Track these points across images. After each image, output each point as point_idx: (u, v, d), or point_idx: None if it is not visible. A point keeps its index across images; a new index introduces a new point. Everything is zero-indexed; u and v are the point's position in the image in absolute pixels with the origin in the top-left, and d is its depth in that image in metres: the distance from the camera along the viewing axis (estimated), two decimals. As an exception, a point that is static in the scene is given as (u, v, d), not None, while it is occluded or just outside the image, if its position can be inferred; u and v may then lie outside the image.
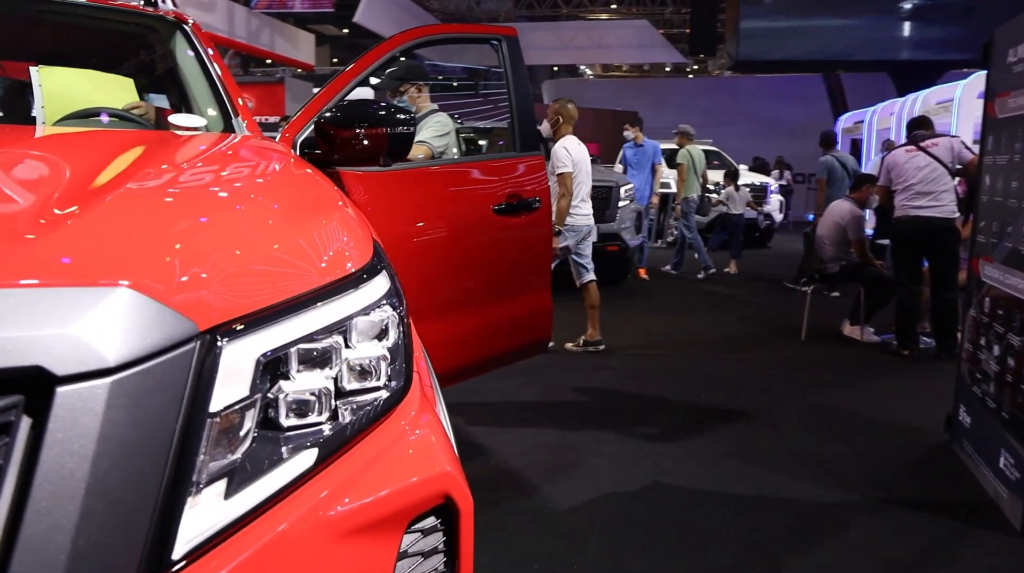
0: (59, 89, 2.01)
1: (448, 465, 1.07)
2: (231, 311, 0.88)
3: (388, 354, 1.07)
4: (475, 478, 3.23)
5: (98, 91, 2.09)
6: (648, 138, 8.79)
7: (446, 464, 1.07)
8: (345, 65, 2.60)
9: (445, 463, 1.07)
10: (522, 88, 2.98)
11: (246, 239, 1.00)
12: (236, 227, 1.02)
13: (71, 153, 1.35)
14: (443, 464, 1.06)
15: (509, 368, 4.90)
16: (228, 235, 0.99)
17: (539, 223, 2.96)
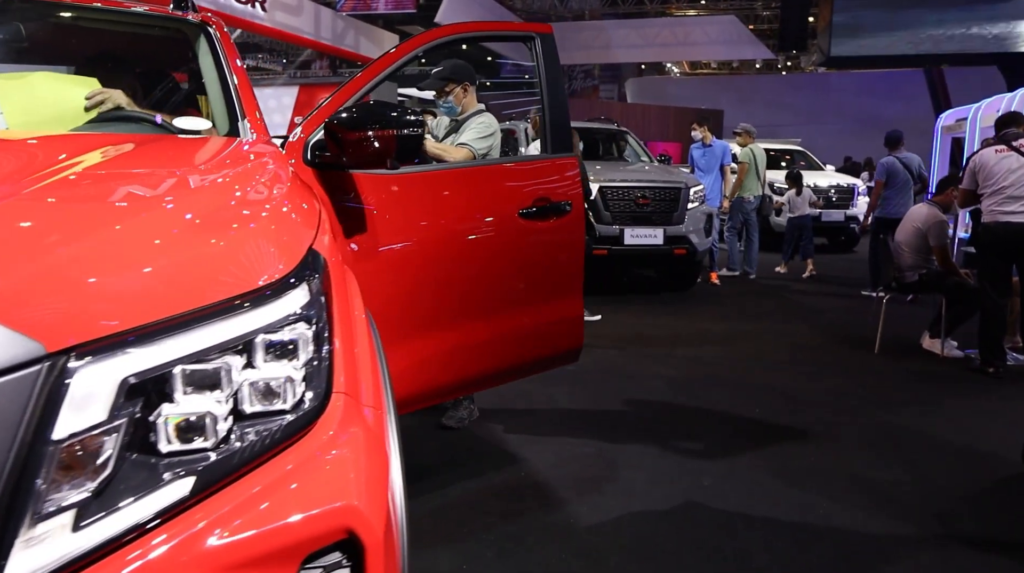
0: (13, 90, 2.02)
1: (356, 497, 0.99)
2: (91, 331, 0.83)
3: (297, 375, 1.00)
4: (502, 488, 3.17)
5: (56, 91, 2.09)
6: (719, 139, 8.50)
7: (353, 495, 0.99)
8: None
9: (352, 494, 0.99)
10: (556, 88, 2.87)
11: (130, 253, 0.95)
12: (122, 240, 0.97)
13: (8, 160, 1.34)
14: (349, 495, 0.99)
15: (560, 374, 4.83)
16: (108, 249, 0.94)
17: (570, 227, 2.85)
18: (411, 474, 3.29)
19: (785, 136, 18.09)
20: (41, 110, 2.16)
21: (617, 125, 9.29)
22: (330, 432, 1.04)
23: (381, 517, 1.03)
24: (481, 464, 3.43)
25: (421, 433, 3.80)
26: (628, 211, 7.31)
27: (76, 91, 2.03)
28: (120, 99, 2.07)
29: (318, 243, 1.23)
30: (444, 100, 3.63)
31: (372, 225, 2.34)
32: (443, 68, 3.64)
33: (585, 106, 18.82)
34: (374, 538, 0.99)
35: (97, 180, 1.22)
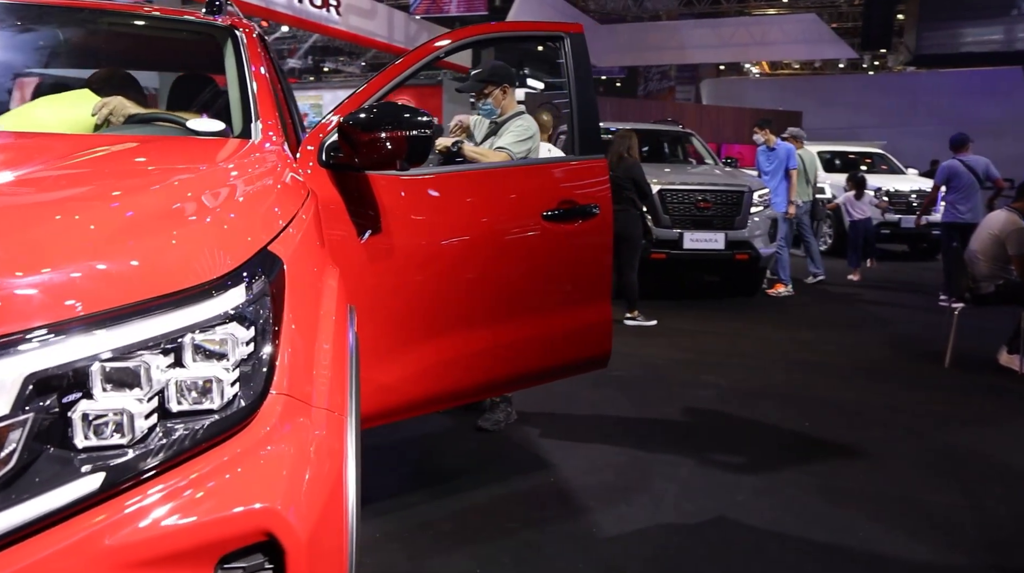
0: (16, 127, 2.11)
1: (278, 499, 0.98)
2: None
3: (226, 375, 1.00)
4: (527, 493, 3.13)
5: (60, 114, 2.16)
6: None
7: (276, 498, 0.98)
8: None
9: (275, 497, 0.98)
10: (585, 88, 2.82)
11: (54, 250, 0.96)
12: (50, 237, 0.98)
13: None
14: (270, 497, 0.97)
15: (606, 378, 4.75)
16: (31, 246, 0.95)
17: (597, 231, 2.78)
18: (439, 475, 3.31)
19: (868, 139, 17.37)
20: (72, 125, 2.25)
21: (681, 127, 9.10)
22: (262, 433, 1.03)
23: (309, 521, 1.01)
24: (510, 468, 3.40)
25: (456, 434, 3.80)
26: (688, 214, 7.14)
27: (80, 108, 2.11)
28: (125, 105, 2.13)
29: (278, 245, 1.22)
30: (483, 102, 3.61)
31: (387, 226, 2.33)
32: (482, 70, 3.62)
33: (655, 108, 18.51)
34: (295, 542, 0.98)
35: (44, 179, 1.24)
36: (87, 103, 2.25)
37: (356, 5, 15.03)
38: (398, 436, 3.70)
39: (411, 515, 2.89)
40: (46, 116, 2.22)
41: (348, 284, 2.23)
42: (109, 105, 2.20)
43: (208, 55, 2.54)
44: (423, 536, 2.74)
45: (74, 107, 2.23)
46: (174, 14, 2.48)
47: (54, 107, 2.27)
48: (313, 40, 21.74)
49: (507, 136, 3.49)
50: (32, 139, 1.72)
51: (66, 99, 2.31)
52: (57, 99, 2.32)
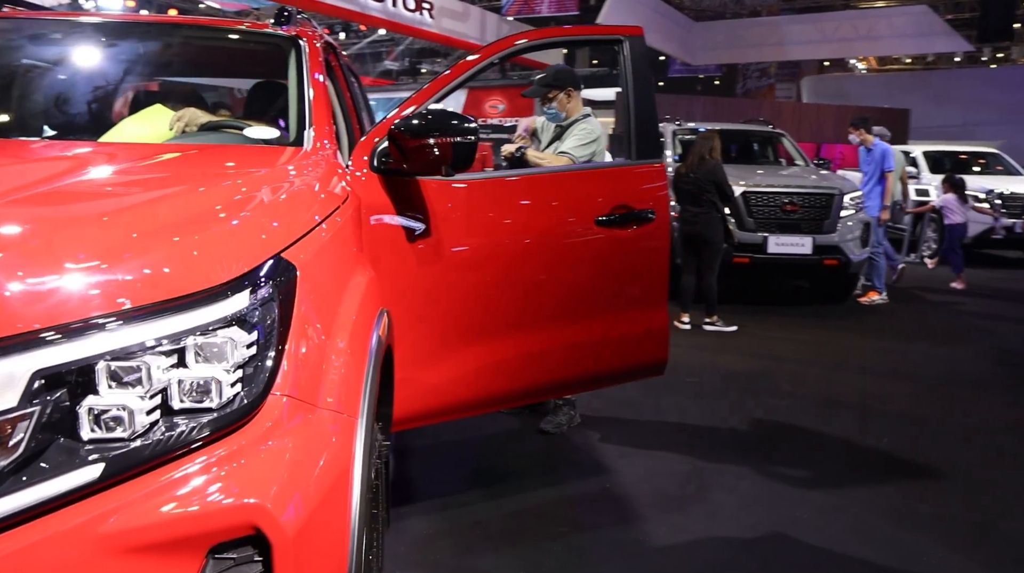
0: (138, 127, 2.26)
1: (268, 496, 1.03)
2: (7, 329, 0.92)
3: (225, 376, 1.05)
4: (581, 498, 3.12)
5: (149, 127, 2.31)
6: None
7: (265, 494, 1.03)
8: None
9: (264, 493, 1.03)
10: (644, 92, 2.78)
11: (58, 256, 1.03)
12: (58, 243, 1.06)
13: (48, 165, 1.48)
14: (260, 493, 1.02)
15: (677, 385, 4.68)
16: (39, 251, 1.03)
17: (653, 236, 2.75)
18: (495, 475, 3.35)
19: (985, 138, 16.27)
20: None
21: (772, 127, 8.80)
22: (259, 432, 1.09)
23: (299, 518, 1.06)
24: (567, 471, 3.40)
25: (517, 435, 3.83)
26: (774, 218, 6.91)
27: (158, 123, 2.25)
28: (197, 115, 2.27)
29: (293, 251, 1.27)
30: (548, 106, 3.62)
31: (436, 230, 2.38)
32: (546, 74, 3.63)
33: (750, 107, 17.93)
34: (282, 537, 1.03)
35: (68, 190, 1.34)
36: (164, 117, 2.40)
37: (449, 8, 15.29)
38: (459, 436, 3.76)
39: (463, 514, 2.94)
40: (132, 133, 2.38)
41: (397, 287, 2.30)
42: (184, 118, 2.34)
43: (276, 64, 2.66)
44: (472, 535, 2.78)
45: (152, 122, 2.39)
46: (243, 26, 2.61)
47: (137, 124, 2.43)
48: (408, 42, 22.24)
49: (570, 140, 3.49)
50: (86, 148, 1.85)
51: (145, 116, 2.47)
52: (138, 117, 2.48)
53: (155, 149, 1.82)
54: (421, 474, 3.33)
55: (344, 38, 24.47)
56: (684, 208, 6.29)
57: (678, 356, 5.38)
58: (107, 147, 1.99)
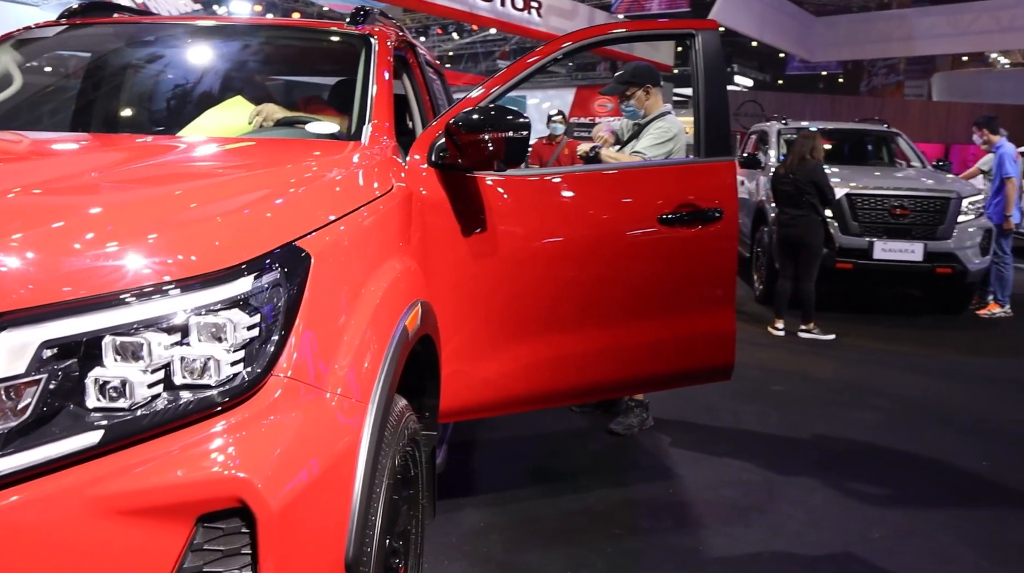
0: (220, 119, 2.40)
1: (255, 471, 1.07)
2: (20, 301, 1.01)
3: (224, 355, 1.11)
4: (642, 502, 3.07)
5: (229, 118, 2.42)
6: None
7: (253, 469, 1.08)
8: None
9: (252, 468, 1.08)
10: (715, 87, 2.70)
11: (69, 236, 1.12)
12: (70, 225, 1.14)
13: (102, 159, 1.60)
14: (247, 468, 1.07)
15: (761, 392, 4.52)
16: (49, 232, 1.12)
17: (720, 236, 2.66)
18: (557, 473, 3.34)
19: None
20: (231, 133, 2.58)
21: (886, 126, 8.31)
22: (255, 411, 1.14)
23: (287, 495, 1.10)
24: (632, 474, 3.35)
25: (585, 434, 3.80)
26: (881, 222, 6.53)
27: (237, 115, 2.38)
28: (275, 111, 2.37)
29: (310, 241, 1.32)
30: (626, 104, 3.57)
31: (492, 225, 2.39)
32: (624, 71, 3.58)
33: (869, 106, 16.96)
34: (266, 512, 1.07)
35: (106, 178, 1.44)
36: (244, 109, 2.54)
37: (557, 6, 15.30)
38: (525, 431, 3.77)
39: (519, 509, 2.95)
40: (212, 122, 2.53)
41: (451, 280, 2.34)
42: (262, 112, 2.47)
43: (350, 61, 2.75)
44: (525, 531, 2.78)
45: (232, 113, 2.53)
46: (318, 26, 2.71)
47: (218, 113, 2.58)
48: (516, 40, 22.41)
49: (645, 139, 3.43)
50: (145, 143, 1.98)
51: (226, 106, 2.62)
52: (220, 108, 2.63)
53: (211, 142, 1.93)
54: (482, 466, 3.37)
55: (457, 38, 25.00)
56: (782, 210, 6.05)
57: (766, 362, 5.24)
58: (163, 140, 2.14)
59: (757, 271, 7.45)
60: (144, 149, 1.81)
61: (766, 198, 6.84)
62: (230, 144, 1.93)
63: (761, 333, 6.05)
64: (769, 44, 20.05)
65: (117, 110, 2.73)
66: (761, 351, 5.53)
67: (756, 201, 7.46)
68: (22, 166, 1.56)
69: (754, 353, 5.45)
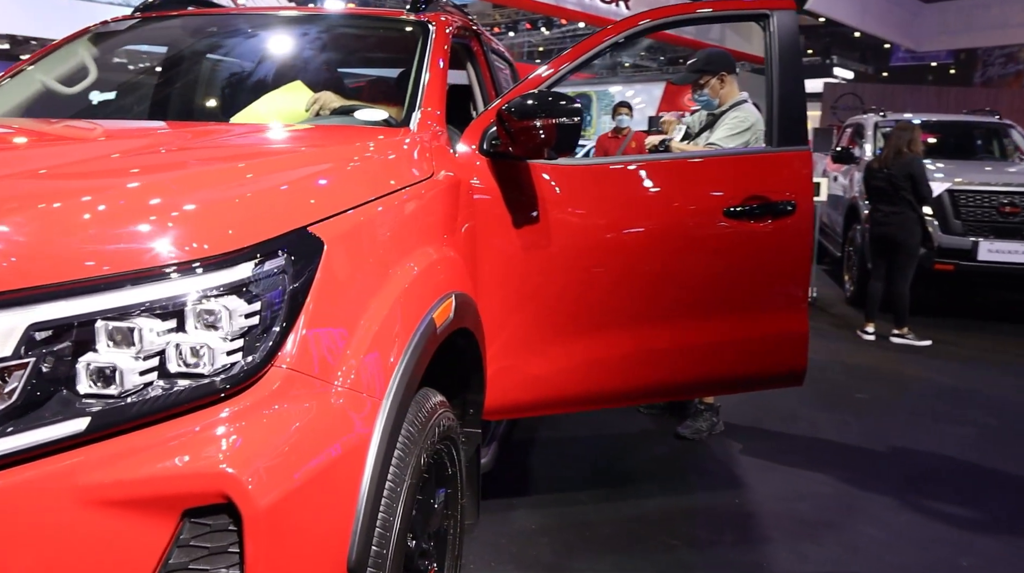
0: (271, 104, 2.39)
1: (244, 467, 1.02)
2: (7, 282, 0.98)
3: (219, 344, 1.07)
4: (703, 511, 2.91)
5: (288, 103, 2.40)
6: None
7: (241, 465, 1.02)
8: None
9: (241, 464, 1.03)
10: (791, 72, 2.51)
11: (63, 218, 1.09)
12: (66, 207, 1.11)
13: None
14: (235, 464, 1.02)
15: (844, 399, 4.26)
16: (42, 213, 1.09)
17: (792, 231, 2.48)
18: (618, 477, 3.22)
19: None
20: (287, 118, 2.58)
21: (999, 117, 7.72)
22: (250, 403, 1.09)
23: (277, 493, 1.04)
24: (696, 481, 3.18)
25: (651, 437, 3.65)
26: (987, 220, 6.05)
27: (295, 101, 2.36)
28: (331, 99, 2.35)
29: (325, 227, 1.27)
30: (699, 93, 3.40)
31: (545, 216, 2.29)
32: (697, 58, 3.40)
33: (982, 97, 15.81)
34: (253, 510, 1.02)
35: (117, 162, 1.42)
36: (302, 94, 2.53)
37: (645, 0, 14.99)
38: (588, 431, 3.66)
39: (574, 513, 2.85)
40: (270, 107, 2.53)
41: (501, 272, 2.25)
42: (319, 100, 2.45)
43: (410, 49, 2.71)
44: (577, 535, 2.68)
45: (291, 97, 2.52)
46: (378, 14, 2.68)
47: (278, 96, 2.58)
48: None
49: (720, 130, 3.25)
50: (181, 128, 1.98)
51: (285, 90, 2.62)
52: (279, 91, 2.63)
53: (251, 129, 1.91)
54: (539, 465, 3.28)
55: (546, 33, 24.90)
56: (875, 207, 5.69)
57: (852, 368, 4.93)
58: (201, 126, 2.14)
59: (848, 271, 7.06)
60: (177, 135, 1.81)
61: (859, 194, 6.46)
62: (268, 131, 1.91)
63: (850, 337, 5.72)
64: (872, 34, 19.04)
65: (184, 99, 2.78)
66: (848, 356, 5.22)
67: (849, 197, 7.07)
68: (43, 150, 1.57)
69: (840, 357, 5.15)
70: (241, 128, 2.05)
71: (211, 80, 2.75)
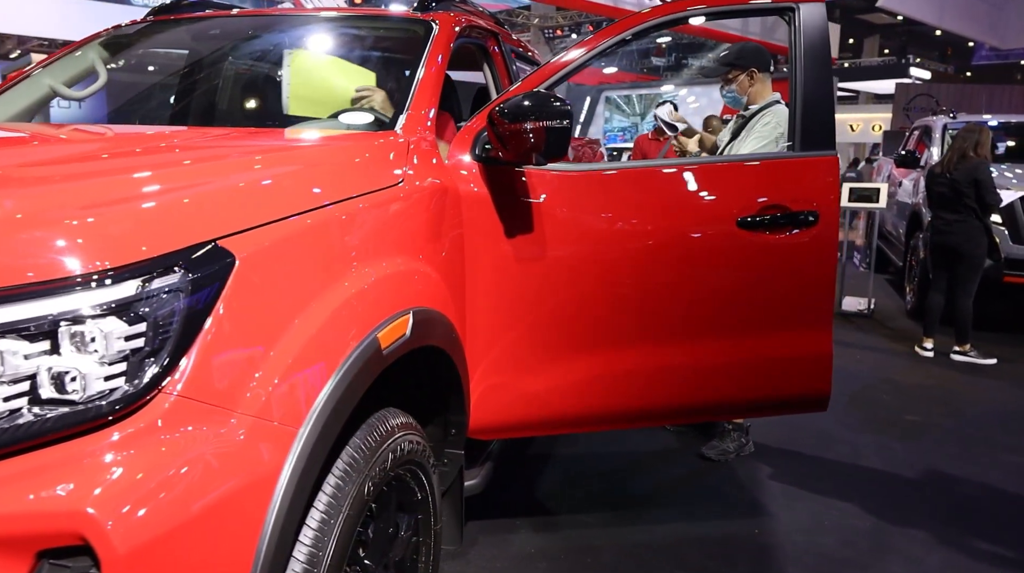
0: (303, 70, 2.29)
1: (99, 505, 0.93)
2: None
3: (94, 368, 0.98)
4: (720, 541, 2.72)
5: (336, 76, 2.30)
6: None
7: (97, 503, 0.93)
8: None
9: (97, 501, 0.93)
10: (817, 70, 2.31)
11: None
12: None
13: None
14: (97, 501, 0.93)
15: (889, 421, 3.99)
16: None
17: (814, 243, 2.28)
18: (630, 499, 3.05)
19: None
20: (319, 90, 2.49)
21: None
22: (128, 433, 1.00)
23: (143, 535, 0.95)
24: (714, 507, 2.99)
25: (672, 457, 3.47)
26: (1064, 231, 5.61)
27: (351, 81, 2.28)
28: (377, 99, 2.27)
29: (240, 240, 1.17)
30: (727, 89, 3.20)
31: (541, 226, 2.16)
32: (728, 52, 3.20)
33: None
34: (111, 554, 0.93)
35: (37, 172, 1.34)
36: (361, 81, 2.46)
37: None
38: (603, 448, 3.50)
39: (577, 536, 2.70)
40: (330, 71, 2.48)
41: (492, 285, 2.13)
42: (369, 95, 2.36)
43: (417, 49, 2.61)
44: (579, 561, 2.53)
45: (348, 80, 2.45)
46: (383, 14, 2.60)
47: (338, 70, 2.52)
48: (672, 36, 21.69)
49: (750, 142, 3.05)
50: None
51: (351, 70, 2.55)
52: (345, 66, 2.56)
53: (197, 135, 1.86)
54: (546, 484, 3.13)
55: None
56: (936, 214, 5.34)
57: (904, 387, 4.62)
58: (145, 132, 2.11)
59: (910, 282, 6.67)
60: (109, 141, 1.76)
61: (923, 201, 6.09)
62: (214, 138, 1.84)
63: (906, 352, 5.38)
64: (952, 32, 18.11)
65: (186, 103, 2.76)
66: (901, 373, 4.90)
67: (912, 203, 6.67)
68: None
69: (892, 375, 4.84)
70: (189, 134, 1.97)
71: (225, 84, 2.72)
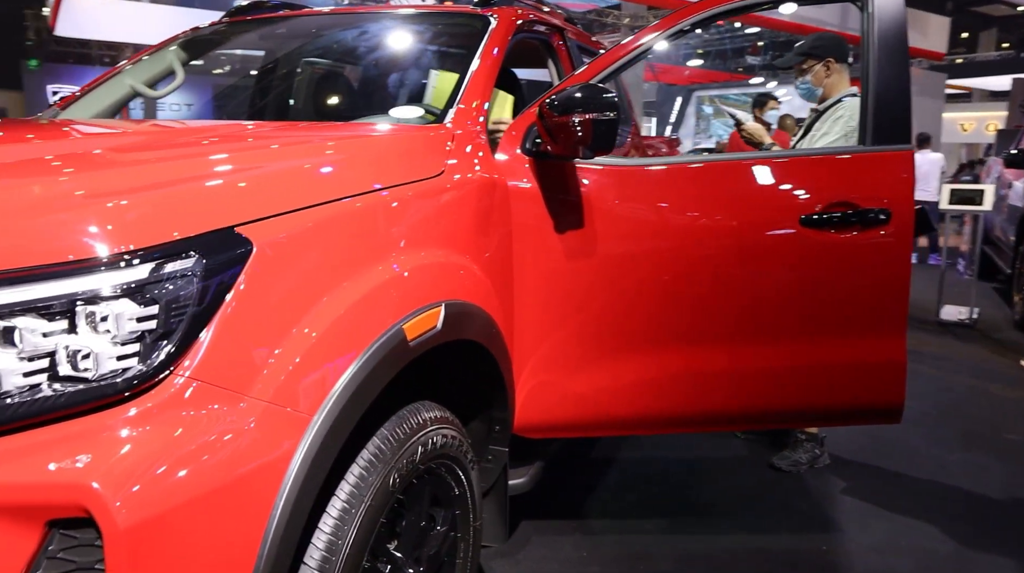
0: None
1: (103, 479, 0.96)
2: None
3: (108, 347, 1.02)
4: (783, 556, 2.60)
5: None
6: None
7: (101, 477, 0.96)
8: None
9: (101, 476, 0.96)
10: (892, 59, 2.17)
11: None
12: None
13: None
14: (101, 476, 0.96)
15: (985, 439, 3.76)
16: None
17: (885, 243, 2.14)
18: (692, 507, 2.97)
19: None
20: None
21: None
22: (139, 412, 1.03)
23: (144, 511, 0.98)
24: (781, 520, 2.85)
25: (740, 465, 3.34)
26: None
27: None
28: (443, 92, 2.30)
29: (258, 228, 1.19)
30: (801, 80, 3.05)
31: (592, 223, 2.11)
32: (804, 41, 3.06)
33: None
34: (112, 528, 0.95)
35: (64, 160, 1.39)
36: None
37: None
38: (668, 453, 3.40)
39: (632, 542, 2.63)
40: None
41: (540, 282, 2.09)
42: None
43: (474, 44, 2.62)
44: (631, 568, 2.47)
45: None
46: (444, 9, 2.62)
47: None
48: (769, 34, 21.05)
49: (820, 137, 2.90)
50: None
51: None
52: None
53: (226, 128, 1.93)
54: (607, 488, 3.06)
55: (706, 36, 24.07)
56: (1046, 218, 4.96)
57: (1005, 403, 4.30)
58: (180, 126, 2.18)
59: (1019, 292, 6.21)
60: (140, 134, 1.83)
61: (1033, 204, 5.68)
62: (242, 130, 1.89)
63: (1010, 365, 5.01)
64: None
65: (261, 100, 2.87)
66: (1002, 388, 4.56)
67: (1023, 207, 6.22)
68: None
69: (991, 389, 4.51)
70: (232, 128, 2.03)
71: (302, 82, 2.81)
